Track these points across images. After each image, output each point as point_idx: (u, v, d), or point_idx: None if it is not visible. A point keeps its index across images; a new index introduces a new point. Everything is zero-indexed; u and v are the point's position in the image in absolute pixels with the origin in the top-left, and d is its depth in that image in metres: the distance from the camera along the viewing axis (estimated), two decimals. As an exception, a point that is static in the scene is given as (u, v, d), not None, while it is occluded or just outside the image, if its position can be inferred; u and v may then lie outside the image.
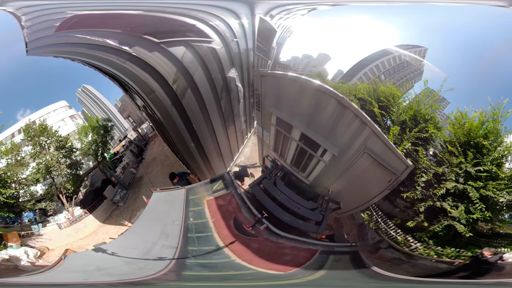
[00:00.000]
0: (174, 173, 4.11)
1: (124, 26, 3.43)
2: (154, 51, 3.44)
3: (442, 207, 3.47)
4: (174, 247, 3.63)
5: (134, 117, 4.34)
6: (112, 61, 3.42)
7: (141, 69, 3.47)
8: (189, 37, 3.47)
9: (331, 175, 3.71)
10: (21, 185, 3.82)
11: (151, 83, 3.53)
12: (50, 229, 4.02)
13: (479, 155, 3.47)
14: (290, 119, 3.65)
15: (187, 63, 3.54)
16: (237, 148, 4.25)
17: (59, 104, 3.87)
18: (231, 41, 3.50)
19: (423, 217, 3.55)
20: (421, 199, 3.56)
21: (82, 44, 3.47)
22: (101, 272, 3.54)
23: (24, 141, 3.80)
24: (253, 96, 3.79)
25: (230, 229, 3.73)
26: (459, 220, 3.43)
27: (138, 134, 4.44)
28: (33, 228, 3.91)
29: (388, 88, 3.53)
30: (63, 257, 3.68)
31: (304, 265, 3.48)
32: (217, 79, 3.77)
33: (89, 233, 4.16)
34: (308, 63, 3.52)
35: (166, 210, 4.02)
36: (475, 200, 3.40)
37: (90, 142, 4.12)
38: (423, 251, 3.61)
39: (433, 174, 3.53)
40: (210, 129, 4.06)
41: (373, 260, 3.58)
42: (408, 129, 3.55)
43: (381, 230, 3.78)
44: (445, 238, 3.56)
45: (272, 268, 3.53)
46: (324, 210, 3.69)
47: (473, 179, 3.45)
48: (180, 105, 3.72)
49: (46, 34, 3.45)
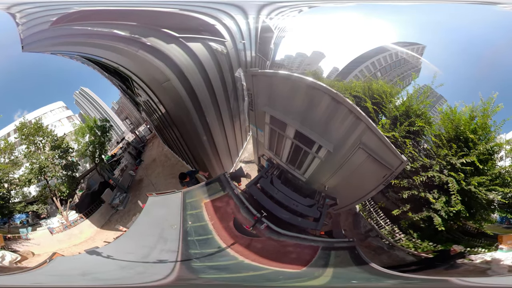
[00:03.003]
0: (184, 173, 3.69)
1: (140, 20, 3.23)
2: (172, 43, 3.22)
3: (426, 197, 3.26)
4: (175, 251, 3.28)
5: (132, 119, 3.95)
6: (120, 49, 3.14)
7: (156, 58, 3.21)
8: (205, 35, 3.29)
9: (327, 171, 3.42)
10: (12, 185, 3.35)
11: (166, 72, 3.27)
12: (40, 234, 3.50)
13: (466, 149, 3.25)
14: (284, 117, 3.40)
15: (203, 59, 3.33)
16: (241, 144, 3.94)
17: (56, 104, 3.46)
18: (239, 43, 3.34)
19: (408, 206, 3.34)
20: (407, 187, 3.34)
21: (83, 35, 3.18)
22: (87, 276, 3.08)
23: (18, 140, 3.36)
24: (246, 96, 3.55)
25: (231, 231, 3.43)
26: (439, 213, 3.22)
27: (136, 136, 4.03)
28: (21, 231, 3.39)
29: (380, 85, 3.32)
30: (48, 260, 3.21)
31: (311, 263, 3.21)
32: (227, 77, 3.56)
33: (84, 239, 3.65)
34: (303, 61, 3.31)
35: (163, 214, 3.64)
36: (453, 191, 3.18)
37: (87, 143, 3.67)
38: (405, 242, 3.43)
39: (421, 165, 3.32)
40: (221, 124, 3.77)
41: (363, 249, 3.36)
42: (399, 123, 3.34)
43: (372, 219, 3.59)
44: (428, 232, 3.36)
45: (283, 266, 3.24)
46: (321, 206, 3.41)
47: (456, 171, 3.24)
48: (195, 96, 3.46)
49: (42, 28, 3.14)
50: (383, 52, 3.30)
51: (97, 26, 3.22)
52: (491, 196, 3.20)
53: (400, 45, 3.33)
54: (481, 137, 3.24)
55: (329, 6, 3.49)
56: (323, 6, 3.45)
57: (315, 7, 3.41)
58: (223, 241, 3.35)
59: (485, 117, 3.15)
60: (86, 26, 3.21)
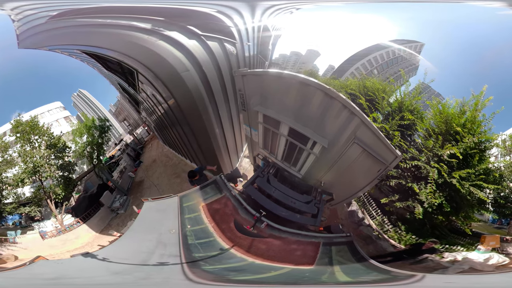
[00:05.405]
0: (193, 171, 3.35)
1: (164, 15, 3.06)
2: (193, 39, 3.07)
3: (411, 187, 3.07)
4: (176, 255, 2.97)
5: (130, 120, 3.69)
6: (135, 40, 2.93)
7: (176, 49, 3.04)
8: (220, 35, 3.15)
9: (323, 167, 3.19)
10: (4, 185, 2.99)
11: (185, 63, 3.09)
12: (30, 238, 3.10)
13: (454, 142, 3.05)
14: (277, 115, 3.19)
15: (219, 57, 3.18)
16: (245, 139, 3.69)
17: (53, 104, 3.20)
18: (245, 44, 3.21)
19: (397, 196, 3.13)
20: (395, 176, 3.15)
21: (89, 26, 2.97)
22: (61, 280, 2.66)
23: (13, 137, 3.03)
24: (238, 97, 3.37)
25: (232, 232, 3.15)
26: (422, 204, 3.00)
27: (134, 138, 3.76)
28: (9, 234, 2.99)
29: (374, 83, 3.19)
30: (28, 262, 2.80)
31: (317, 259, 2.94)
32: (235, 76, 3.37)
33: (81, 245, 3.26)
34: (298, 60, 3.15)
35: (159, 219, 3.31)
36: (431, 180, 2.99)
37: (85, 143, 3.37)
38: (393, 233, 3.23)
39: (410, 157, 3.13)
40: (230, 119, 3.56)
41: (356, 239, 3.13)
42: (391, 117, 3.18)
43: (366, 210, 3.37)
44: (414, 226, 3.16)
45: (293, 264, 2.94)
46: (318, 202, 3.16)
47: (443, 163, 3.04)
48: (210, 89, 3.25)
49: (39, 22, 2.91)
50: (380, 49, 3.16)
51: (109, 19, 3.03)
52: (475, 192, 2.98)
53: (398, 43, 3.20)
54: (470, 131, 3.06)
55: (326, 5, 3.37)
56: (318, 4, 3.34)
57: (311, 4, 3.30)
58: (225, 242, 3.07)
59: (474, 110, 2.99)
60: (94, 18, 3.04)
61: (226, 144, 3.63)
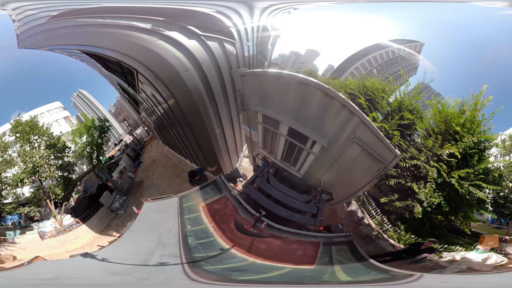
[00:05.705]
0: (194, 171, 3.32)
1: (164, 15, 3.03)
2: (193, 39, 3.03)
3: (411, 186, 3.03)
4: (177, 256, 2.92)
5: (129, 120, 3.64)
6: (135, 40, 2.90)
7: (175, 49, 3.00)
8: (219, 35, 3.11)
9: (322, 167, 3.14)
10: (4, 185, 2.94)
11: (185, 62, 3.04)
12: (29, 238, 3.05)
13: (454, 142, 3.01)
14: (277, 115, 3.14)
15: (218, 57, 3.14)
16: (245, 140, 3.65)
17: (53, 105, 3.16)
18: (245, 44, 3.17)
19: (396, 196, 3.09)
20: (394, 176, 3.11)
21: (89, 26, 2.94)
22: (59, 280, 2.61)
23: (12, 137, 2.98)
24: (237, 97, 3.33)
25: (232, 232, 3.11)
26: (421, 203, 2.97)
27: (134, 138, 3.70)
28: (8, 234, 2.93)
29: (373, 83, 3.15)
30: (26, 263, 2.74)
31: (317, 259, 2.90)
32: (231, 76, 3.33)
33: (80, 245, 3.20)
34: (297, 60, 3.11)
35: (159, 220, 3.27)
36: (430, 179, 2.95)
37: (84, 143, 3.31)
38: (392, 233, 3.20)
39: (409, 156, 3.08)
40: (230, 119, 3.52)
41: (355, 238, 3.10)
42: (390, 117, 3.14)
43: (366, 209, 3.34)
44: (413, 226, 3.13)
45: (294, 264, 2.90)
46: (318, 202, 3.11)
47: (442, 163, 3.00)
48: (210, 89, 3.21)
49: (40, 22, 2.88)
50: (379, 49, 3.11)
51: (109, 19, 3.01)
52: (474, 192, 2.94)
53: (397, 43, 3.15)
54: (469, 130, 3.02)
55: (325, 5, 3.34)
56: (317, 4, 3.31)
57: (309, 4, 3.26)
58: (226, 242, 3.03)
59: (474, 110, 2.94)
60: (94, 18, 3.00)
61: (226, 144, 3.58)
